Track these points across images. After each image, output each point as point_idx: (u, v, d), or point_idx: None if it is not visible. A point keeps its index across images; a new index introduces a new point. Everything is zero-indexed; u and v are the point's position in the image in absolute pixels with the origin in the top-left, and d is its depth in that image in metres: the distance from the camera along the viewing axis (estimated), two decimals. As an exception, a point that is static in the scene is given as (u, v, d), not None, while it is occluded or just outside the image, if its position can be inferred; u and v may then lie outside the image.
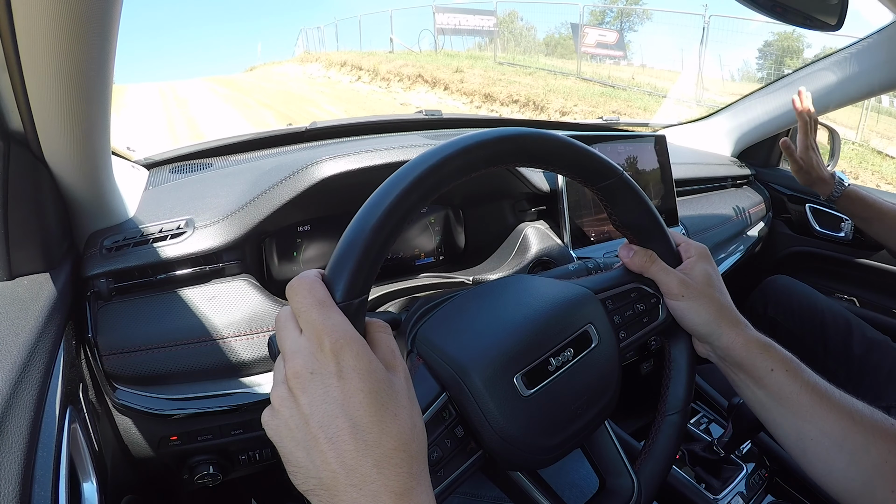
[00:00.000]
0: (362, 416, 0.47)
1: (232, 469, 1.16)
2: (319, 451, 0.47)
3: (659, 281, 0.84)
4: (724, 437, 1.33)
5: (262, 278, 1.23)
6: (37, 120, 0.82)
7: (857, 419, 0.75)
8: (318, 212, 1.31)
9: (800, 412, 0.77)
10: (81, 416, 0.87)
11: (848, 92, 1.97)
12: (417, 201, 0.57)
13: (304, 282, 0.53)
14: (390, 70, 19.50)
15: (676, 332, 0.87)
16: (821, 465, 0.77)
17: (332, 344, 0.49)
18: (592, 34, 19.75)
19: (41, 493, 0.64)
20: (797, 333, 1.83)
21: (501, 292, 0.78)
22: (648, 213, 0.82)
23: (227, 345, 1.05)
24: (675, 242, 0.88)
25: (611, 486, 0.79)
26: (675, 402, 0.86)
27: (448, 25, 21.74)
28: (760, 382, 0.80)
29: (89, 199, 1.02)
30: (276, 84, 22.94)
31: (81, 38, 0.68)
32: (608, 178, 0.76)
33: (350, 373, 0.48)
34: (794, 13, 1.08)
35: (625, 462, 0.80)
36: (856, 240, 2.19)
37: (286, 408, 0.50)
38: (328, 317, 0.50)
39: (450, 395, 0.66)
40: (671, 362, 0.88)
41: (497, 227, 1.54)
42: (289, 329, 0.52)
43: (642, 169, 1.71)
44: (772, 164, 2.52)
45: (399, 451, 0.48)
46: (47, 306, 0.84)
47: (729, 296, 0.86)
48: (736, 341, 0.81)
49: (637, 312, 0.84)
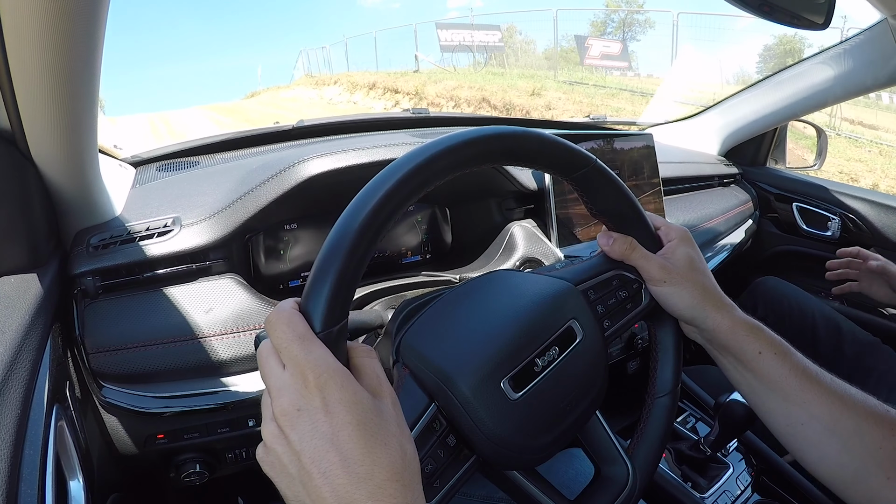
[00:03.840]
0: (352, 448, 0.47)
1: (218, 467, 1.16)
2: (314, 486, 0.47)
3: (640, 268, 0.83)
4: (710, 436, 1.33)
5: (248, 276, 1.23)
6: (24, 118, 0.82)
7: (850, 404, 0.74)
8: (304, 210, 1.31)
9: (789, 396, 0.77)
10: (68, 414, 0.87)
11: (835, 91, 1.98)
12: (389, 215, 0.57)
13: (283, 315, 0.53)
14: (440, 93, 17.32)
15: (661, 315, 0.87)
16: (813, 452, 0.76)
17: (315, 379, 0.49)
18: (597, 45, 19.45)
19: (28, 491, 0.64)
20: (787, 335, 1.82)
21: (484, 292, 0.78)
22: (625, 199, 0.81)
23: (213, 343, 1.05)
24: (655, 226, 0.87)
25: (606, 473, 0.80)
26: (664, 385, 0.86)
27: (452, 42, 21.01)
28: (749, 365, 0.80)
29: (76, 196, 1.02)
30: (289, 111, 20.42)
31: (68, 35, 0.68)
32: (582, 167, 0.75)
33: (336, 406, 0.48)
34: (782, 12, 1.08)
35: (618, 449, 0.80)
36: (843, 239, 2.19)
37: (278, 445, 0.50)
38: (310, 351, 0.50)
39: (438, 404, 0.66)
40: (658, 345, 0.88)
41: (484, 226, 1.55)
42: (271, 365, 0.52)
43: (629, 167, 1.72)
44: (759, 162, 2.52)
45: (392, 482, 0.48)
46: (34, 304, 0.84)
47: (713, 278, 0.85)
48: (722, 324, 0.81)
49: (620, 300, 0.83)
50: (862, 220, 2.14)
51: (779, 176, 2.43)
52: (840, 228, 2.19)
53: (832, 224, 2.21)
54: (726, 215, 2.19)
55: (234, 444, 1.15)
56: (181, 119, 21.34)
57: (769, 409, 0.80)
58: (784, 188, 2.38)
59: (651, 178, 1.78)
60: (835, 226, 2.20)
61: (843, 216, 2.18)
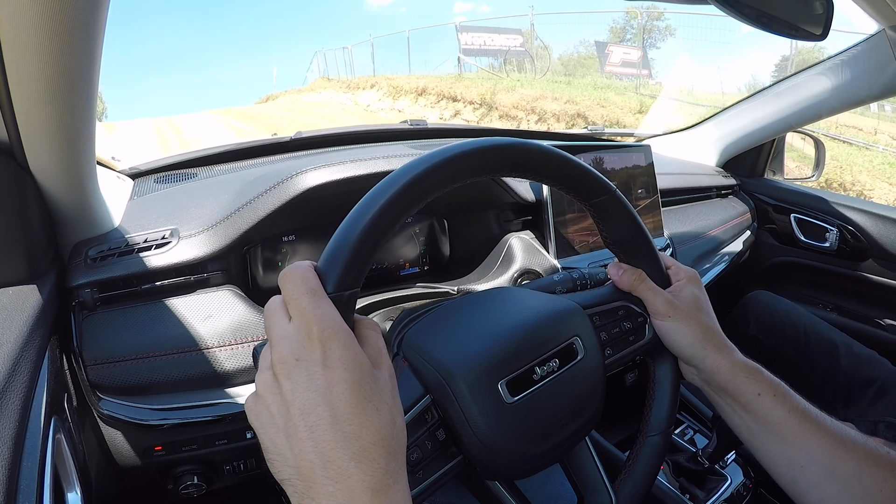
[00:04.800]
0: (343, 406, 0.48)
1: (217, 479, 1.16)
2: (299, 438, 0.47)
3: (647, 300, 0.84)
4: (708, 448, 1.33)
5: (246, 288, 1.23)
6: (21, 129, 0.82)
7: (849, 446, 0.74)
8: (302, 221, 1.31)
9: (788, 438, 0.76)
10: (66, 426, 0.87)
11: (832, 102, 1.98)
12: (414, 200, 0.58)
13: (297, 271, 0.53)
14: (517, 104, 15.06)
15: (662, 352, 0.87)
16: (813, 494, 0.76)
17: (320, 332, 0.49)
18: (617, 52, 19.17)
19: (26, 503, 0.64)
20: (780, 350, 1.83)
21: (490, 302, 0.79)
22: (639, 232, 0.82)
23: (211, 355, 1.05)
24: (665, 265, 0.88)
25: (589, 502, 0.79)
26: (657, 423, 0.85)
27: (473, 46, 20.41)
28: (747, 407, 0.79)
29: (74, 208, 1.02)
30: (318, 118, 18.49)
31: (66, 48, 0.68)
32: (601, 194, 0.76)
33: (336, 362, 0.49)
34: (780, 23, 1.09)
35: (604, 479, 0.80)
36: (840, 250, 2.20)
37: (270, 393, 0.50)
38: (318, 306, 0.51)
39: (433, 397, 0.66)
40: (655, 383, 0.88)
41: (482, 237, 1.55)
42: (278, 316, 0.53)
43: (627, 179, 1.72)
44: (757, 173, 2.53)
45: (377, 447, 0.48)
46: (32, 316, 0.84)
47: (716, 320, 0.85)
48: (721, 365, 0.80)
49: (623, 330, 0.83)
50: (860, 231, 2.14)
51: (777, 187, 2.44)
52: (838, 239, 2.19)
53: (830, 235, 2.21)
54: (724, 226, 2.20)
55: (233, 456, 1.14)
56: (192, 126, 19.51)
57: (768, 451, 0.80)
58: (782, 199, 2.39)
59: (649, 190, 1.78)
60: (833, 237, 2.20)
61: (841, 227, 2.18)
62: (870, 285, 2.18)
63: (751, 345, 1.89)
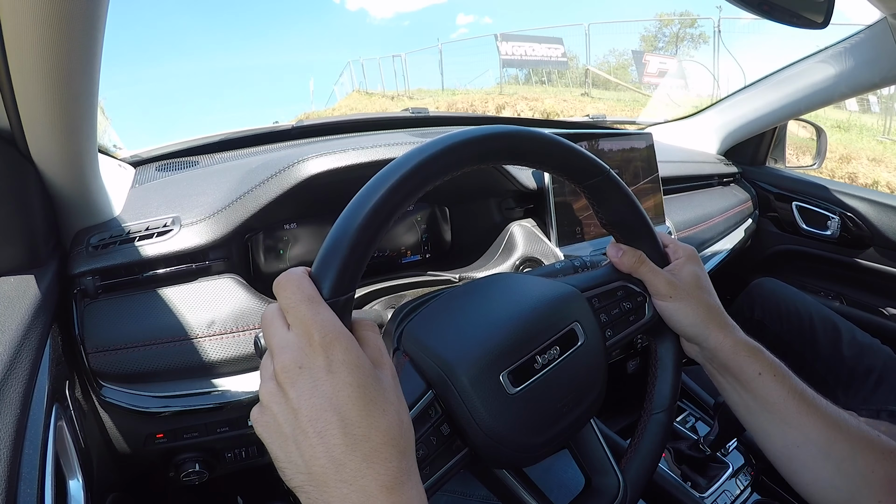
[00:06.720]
0: (350, 409, 0.48)
1: (218, 467, 1.16)
2: (309, 444, 0.47)
3: (647, 281, 0.84)
4: (710, 436, 1.33)
5: (248, 276, 1.23)
6: (23, 117, 0.82)
7: (844, 429, 0.74)
8: (304, 209, 1.31)
9: (786, 418, 0.77)
10: (68, 414, 0.87)
11: (834, 90, 1.98)
12: (404, 198, 0.58)
13: (293, 278, 0.53)
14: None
15: (663, 330, 0.86)
16: (807, 474, 0.76)
17: (321, 338, 0.49)
18: (653, 62, 18.71)
19: (27, 490, 0.64)
20: (785, 337, 1.83)
21: (488, 290, 0.78)
22: (635, 212, 0.81)
23: (213, 343, 1.05)
24: (663, 244, 0.88)
25: (596, 484, 0.79)
26: (661, 401, 0.85)
27: (514, 56, 19.20)
28: (747, 386, 0.80)
29: (76, 196, 1.02)
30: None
31: (67, 36, 0.68)
32: (595, 176, 0.75)
33: (339, 367, 0.49)
34: (782, 11, 1.09)
35: (611, 461, 0.80)
36: (842, 238, 2.20)
37: (275, 403, 0.50)
38: (317, 312, 0.50)
39: (436, 392, 0.66)
40: (657, 360, 0.88)
41: (484, 225, 1.55)
42: (276, 325, 0.52)
43: (628, 166, 1.71)
44: (758, 161, 2.52)
45: (388, 447, 0.48)
46: (33, 304, 0.84)
47: (717, 297, 0.85)
48: (724, 343, 0.80)
49: (623, 311, 0.83)
50: (861, 219, 2.14)
51: (778, 175, 2.44)
52: (840, 228, 2.19)
53: (832, 223, 2.21)
54: (726, 214, 2.20)
55: (234, 443, 1.15)
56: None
57: (765, 430, 0.80)
58: (784, 187, 2.38)
59: (650, 178, 1.78)
60: (834, 225, 2.20)
61: (842, 215, 2.18)
62: (871, 273, 2.18)
63: (755, 330, 1.89)
